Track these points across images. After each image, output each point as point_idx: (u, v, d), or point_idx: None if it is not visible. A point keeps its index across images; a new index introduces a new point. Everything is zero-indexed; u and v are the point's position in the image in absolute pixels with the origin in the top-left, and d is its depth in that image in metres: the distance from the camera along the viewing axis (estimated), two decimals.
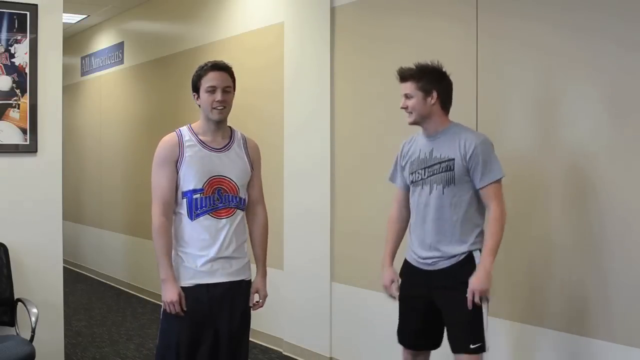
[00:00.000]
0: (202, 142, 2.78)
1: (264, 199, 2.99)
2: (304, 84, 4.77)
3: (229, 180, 2.79)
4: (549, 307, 3.22)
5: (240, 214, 2.84)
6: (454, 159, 2.82)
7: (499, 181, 2.81)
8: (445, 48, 3.70)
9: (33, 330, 3.57)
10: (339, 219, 4.49)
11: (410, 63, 3.01)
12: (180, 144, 2.76)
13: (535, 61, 3.30)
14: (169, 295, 2.70)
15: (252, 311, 2.92)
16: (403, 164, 3.03)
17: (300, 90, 4.79)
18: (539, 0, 3.29)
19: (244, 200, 2.86)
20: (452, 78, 2.99)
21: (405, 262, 3.03)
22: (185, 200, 2.75)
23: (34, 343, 3.51)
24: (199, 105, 2.82)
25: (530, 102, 3.34)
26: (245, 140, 2.91)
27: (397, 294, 3.04)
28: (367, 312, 4.27)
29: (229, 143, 2.84)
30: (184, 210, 2.76)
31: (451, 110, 2.96)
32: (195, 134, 2.80)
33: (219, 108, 2.75)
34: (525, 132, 3.36)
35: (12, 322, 3.85)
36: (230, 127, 2.89)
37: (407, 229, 3.07)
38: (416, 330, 2.99)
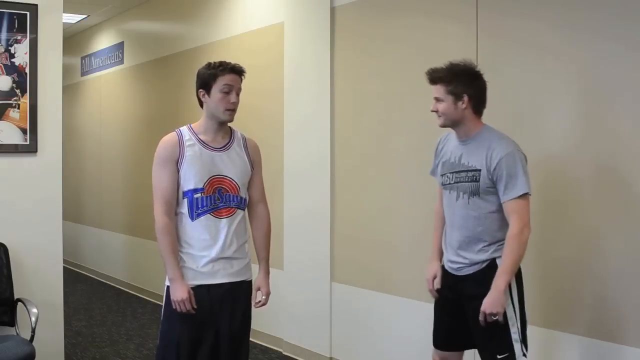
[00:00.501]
0: (202, 142, 2.78)
1: (266, 198, 2.99)
2: (304, 84, 4.77)
3: (229, 180, 2.79)
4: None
5: (240, 214, 2.84)
6: (480, 170, 2.71)
7: (523, 197, 2.65)
8: (445, 48, 3.69)
9: (33, 330, 3.57)
10: (339, 219, 4.49)
11: (410, 63, 3.00)
12: (180, 143, 2.76)
13: (535, 61, 3.30)
14: (179, 293, 2.69)
15: (254, 309, 2.91)
16: (437, 161, 2.95)
17: (300, 90, 4.79)
18: (539, 0, 3.29)
19: (245, 200, 2.86)
20: None
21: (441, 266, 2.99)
22: (186, 200, 2.75)
23: (34, 343, 3.51)
24: (201, 103, 2.81)
25: (530, 102, 3.34)
26: (245, 140, 2.91)
27: (435, 290, 2.97)
28: (367, 312, 4.27)
29: (229, 142, 2.84)
30: (185, 210, 2.76)
31: None
32: (196, 134, 2.79)
33: (231, 109, 2.76)
34: (526, 132, 3.35)
35: (12, 322, 3.85)
36: (230, 126, 2.89)
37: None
38: (448, 331, 2.95)
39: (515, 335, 2.72)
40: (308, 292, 4.68)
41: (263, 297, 2.91)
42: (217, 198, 2.76)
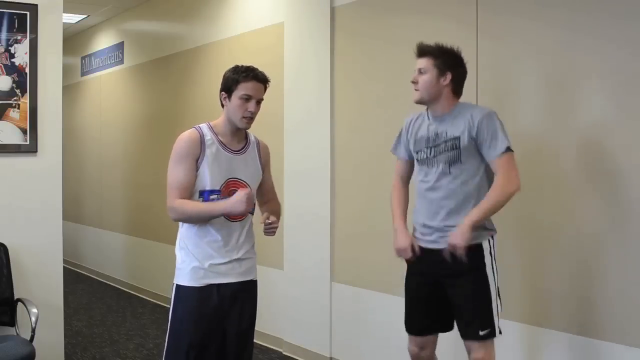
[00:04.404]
0: (221, 143, 2.77)
1: (277, 196, 3.03)
2: (304, 84, 4.76)
3: (243, 183, 2.79)
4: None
5: (250, 218, 2.85)
6: (459, 137, 2.78)
7: (507, 153, 2.74)
8: None
9: (33, 330, 3.57)
10: (339, 219, 4.49)
11: (410, 63, 3.01)
12: (202, 141, 2.73)
13: (535, 61, 3.31)
14: (238, 203, 2.60)
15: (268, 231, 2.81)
16: (408, 138, 3.01)
17: (300, 90, 4.79)
18: (539, 0, 3.29)
19: (254, 204, 2.86)
20: None
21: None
22: (201, 200, 2.74)
23: (34, 343, 3.51)
24: (222, 105, 2.79)
25: (531, 101, 3.34)
26: (258, 143, 2.92)
27: (412, 257, 2.94)
28: (367, 312, 4.27)
29: (245, 146, 2.85)
30: None
31: None
32: (215, 134, 2.78)
33: (248, 117, 2.74)
34: (526, 132, 3.36)
35: (12, 322, 3.85)
36: (245, 130, 2.88)
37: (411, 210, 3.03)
38: (423, 315, 2.95)
39: (495, 310, 2.76)
40: (308, 292, 4.68)
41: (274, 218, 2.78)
42: None
